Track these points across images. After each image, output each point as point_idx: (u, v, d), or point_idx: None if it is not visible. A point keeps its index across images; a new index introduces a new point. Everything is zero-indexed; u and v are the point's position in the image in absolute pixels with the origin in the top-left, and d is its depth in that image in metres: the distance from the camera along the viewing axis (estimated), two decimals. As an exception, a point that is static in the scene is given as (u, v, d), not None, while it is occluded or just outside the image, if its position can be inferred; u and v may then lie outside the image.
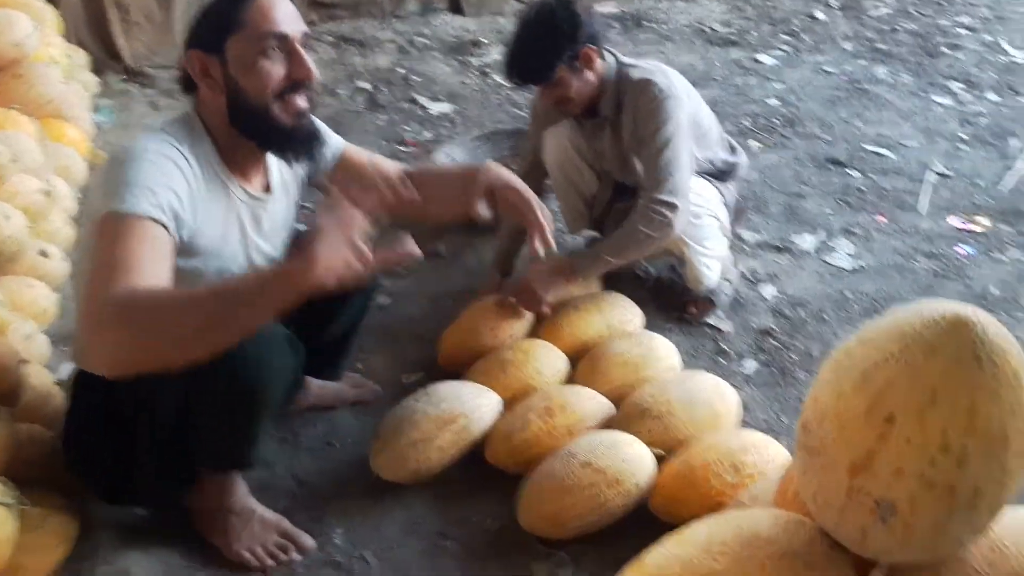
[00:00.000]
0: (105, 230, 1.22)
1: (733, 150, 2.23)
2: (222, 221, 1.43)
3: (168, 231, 1.28)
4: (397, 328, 2.22)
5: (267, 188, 1.53)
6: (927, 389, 0.68)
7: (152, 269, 1.20)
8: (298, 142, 1.45)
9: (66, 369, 1.89)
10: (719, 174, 2.19)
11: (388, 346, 2.16)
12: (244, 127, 1.41)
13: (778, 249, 2.50)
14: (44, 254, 2.11)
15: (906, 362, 0.70)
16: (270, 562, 1.58)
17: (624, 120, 2.02)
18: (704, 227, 2.11)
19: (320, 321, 1.74)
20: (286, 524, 1.63)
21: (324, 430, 1.90)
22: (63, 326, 2.10)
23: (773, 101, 3.44)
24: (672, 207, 1.94)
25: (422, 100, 3.60)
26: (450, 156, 2.71)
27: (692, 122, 2.02)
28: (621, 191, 2.24)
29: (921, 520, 0.72)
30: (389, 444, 1.70)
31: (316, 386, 1.94)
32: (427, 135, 3.31)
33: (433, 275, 2.45)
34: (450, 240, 2.59)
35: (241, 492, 1.62)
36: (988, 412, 0.68)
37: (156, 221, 1.25)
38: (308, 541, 1.62)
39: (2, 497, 1.31)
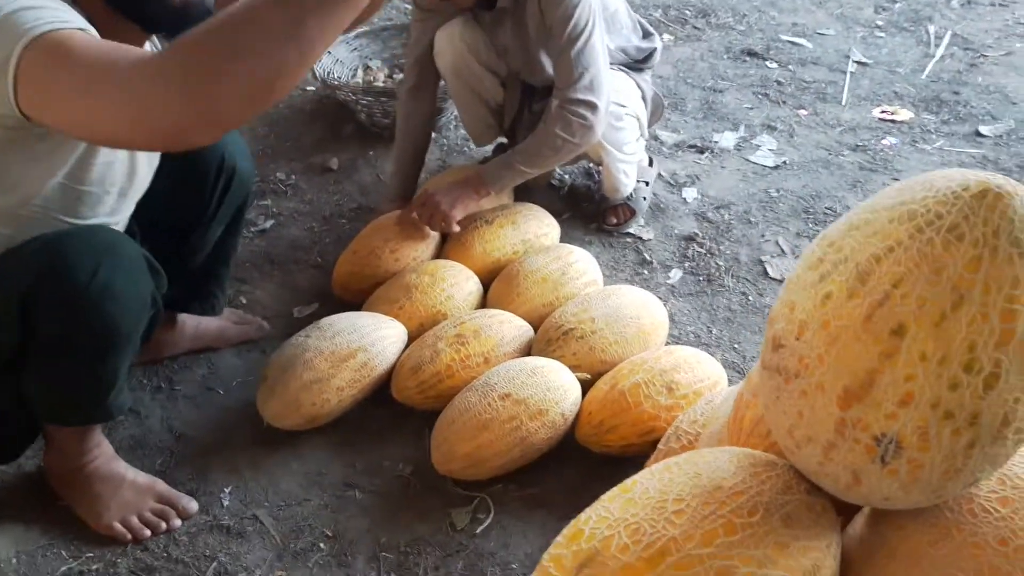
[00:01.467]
0: (51, 50, 0.91)
1: (646, 35, 2.01)
2: None
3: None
4: (284, 254, 1.97)
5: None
6: (949, 287, 0.51)
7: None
8: (193, 23, 1.11)
9: None
10: (632, 64, 1.97)
11: (274, 275, 1.91)
12: (126, 7, 1.12)
13: (698, 149, 2.34)
14: None
15: (920, 251, 0.52)
16: (146, 532, 1.36)
17: (528, 9, 1.77)
18: (625, 130, 1.91)
19: (186, 241, 1.49)
20: (163, 486, 1.41)
21: (204, 374, 1.66)
22: None
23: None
24: (591, 106, 1.71)
25: None
26: (333, 55, 2.42)
27: (601, 6, 1.79)
28: (531, 94, 2.01)
29: (932, 457, 0.56)
30: (279, 387, 1.48)
31: (192, 325, 1.68)
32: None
33: (323, 191, 2.18)
34: (342, 152, 2.32)
35: (107, 452, 1.39)
36: None
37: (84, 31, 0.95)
38: (191, 504, 1.40)
39: None
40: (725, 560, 0.59)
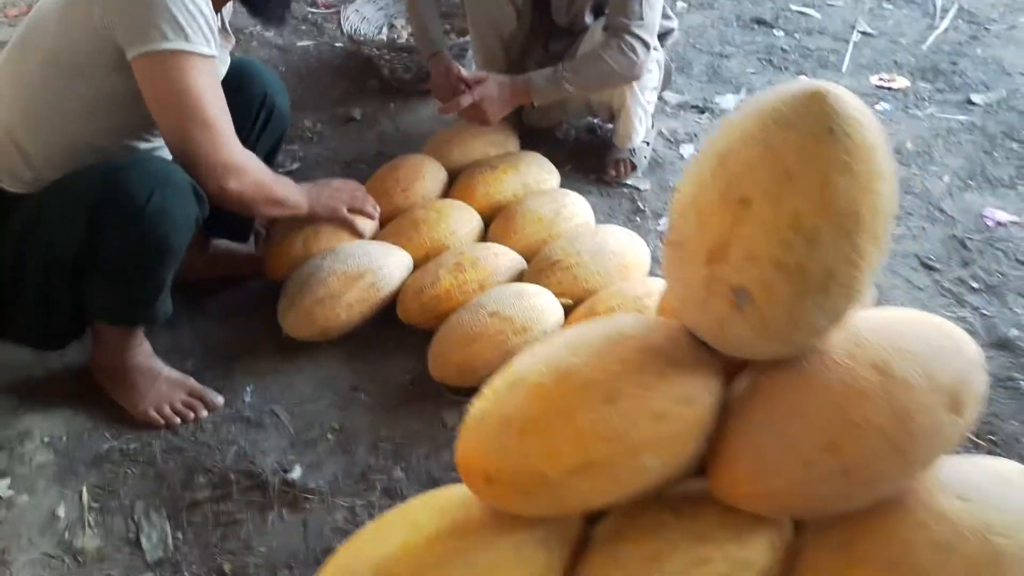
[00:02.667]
0: (177, 69, 1.30)
1: (667, 16, 2.15)
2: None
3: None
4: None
5: (226, 37, 1.52)
6: (780, 168, 0.67)
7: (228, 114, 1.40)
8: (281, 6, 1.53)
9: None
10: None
11: (299, 211, 2.10)
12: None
13: (699, 109, 2.47)
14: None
15: (761, 139, 0.68)
16: (177, 420, 1.57)
17: None
18: (652, 72, 2.05)
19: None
20: (193, 383, 1.61)
21: (233, 296, 1.86)
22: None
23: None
24: (645, 44, 1.84)
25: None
26: (360, 13, 2.59)
27: None
28: (548, 34, 2.13)
29: (775, 306, 0.72)
30: (296, 302, 1.67)
31: (224, 251, 1.88)
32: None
33: (346, 139, 2.37)
34: (365, 104, 2.50)
35: (146, 351, 1.59)
36: (840, 188, 0.67)
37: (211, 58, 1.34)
38: (217, 398, 1.60)
39: None
40: (614, 383, 0.77)
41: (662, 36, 2.10)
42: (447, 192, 2.00)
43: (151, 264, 1.37)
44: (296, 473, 1.48)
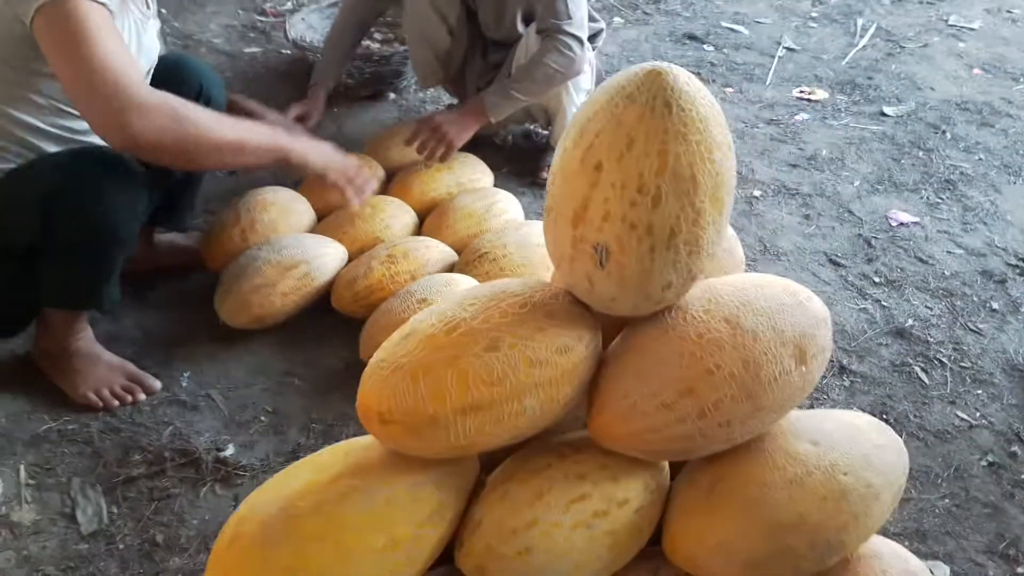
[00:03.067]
0: (79, 18, 1.25)
1: (594, 19, 2.27)
2: (126, 29, 1.42)
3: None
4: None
5: (147, 4, 1.53)
6: (625, 135, 0.77)
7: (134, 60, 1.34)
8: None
9: None
10: None
11: (240, 208, 2.17)
12: None
13: (631, 117, 2.60)
14: None
15: (610, 112, 0.78)
16: (115, 403, 1.62)
17: None
18: (586, 74, 2.16)
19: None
20: (132, 368, 1.67)
21: (174, 286, 1.92)
22: None
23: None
24: (580, 41, 1.95)
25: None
26: (307, 22, 2.68)
27: None
28: (484, 44, 2.24)
29: (629, 260, 0.82)
30: (232, 290, 1.75)
31: (165, 242, 1.95)
32: (287, 4, 3.23)
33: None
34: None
35: (88, 337, 1.65)
36: (677, 154, 0.77)
37: (111, 11, 1.30)
38: (154, 383, 1.66)
39: None
40: (496, 333, 0.86)
41: (592, 37, 2.22)
42: (384, 190, 2.09)
43: (101, 252, 1.43)
44: (229, 451, 1.55)
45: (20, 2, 1.27)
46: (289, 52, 2.84)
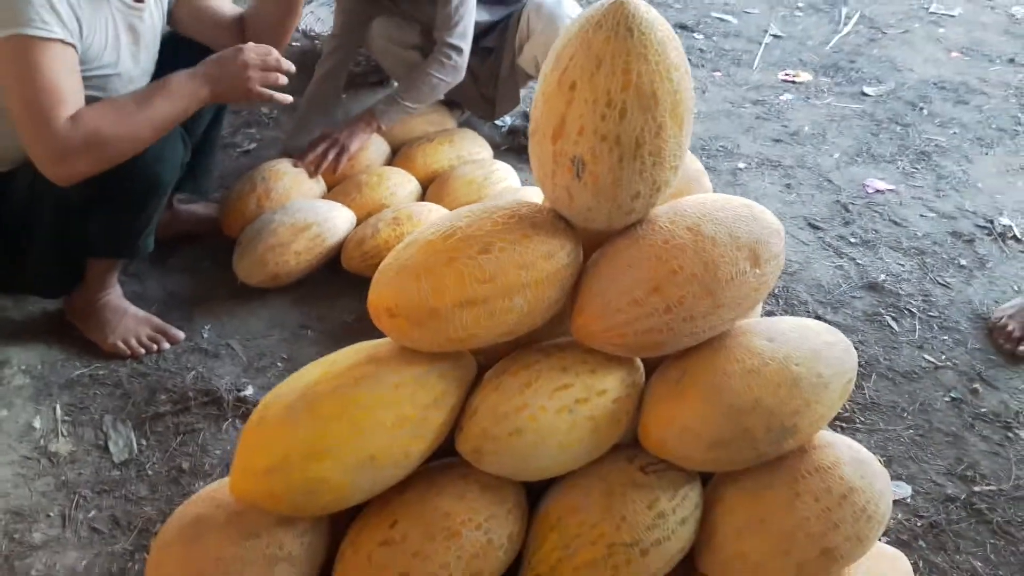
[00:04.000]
0: (22, 56, 1.34)
1: None
2: (103, 31, 1.53)
3: (75, 49, 1.42)
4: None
5: None
6: (594, 57, 0.90)
7: (77, 92, 1.41)
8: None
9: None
10: None
11: (255, 182, 2.30)
12: None
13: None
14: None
15: (581, 38, 0.91)
16: (142, 351, 1.76)
17: None
18: None
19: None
20: (157, 320, 1.81)
21: (193, 251, 2.06)
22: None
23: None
24: (459, 50, 2.11)
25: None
26: (315, 15, 2.83)
27: None
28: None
29: (601, 170, 0.95)
30: (249, 249, 1.88)
31: (185, 211, 2.09)
32: None
33: (289, 126, 2.58)
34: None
35: (117, 292, 1.79)
36: (640, 72, 0.90)
37: (65, 43, 1.38)
38: (178, 333, 1.80)
39: None
40: (487, 239, 0.99)
41: None
42: (389, 162, 2.23)
43: (144, 200, 1.57)
44: (249, 392, 1.69)
45: None
46: (298, 44, 2.99)
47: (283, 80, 1.60)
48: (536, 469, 1.08)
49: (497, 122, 2.60)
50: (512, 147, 2.49)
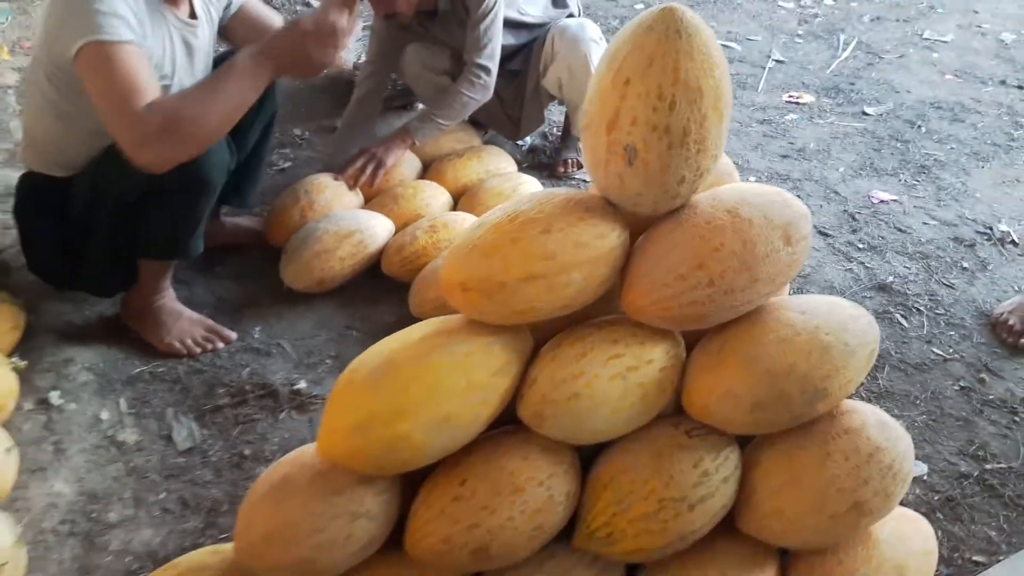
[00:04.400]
0: (99, 59, 1.46)
1: (558, 5, 2.50)
2: (161, 43, 1.66)
3: (142, 49, 1.53)
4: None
5: (192, 15, 1.76)
6: (647, 56, 1.03)
7: (152, 84, 1.50)
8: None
9: None
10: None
11: (293, 197, 2.43)
12: None
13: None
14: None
15: (634, 40, 1.04)
16: (197, 350, 1.87)
17: (468, 4, 2.25)
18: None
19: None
20: (209, 321, 1.92)
21: (240, 261, 2.18)
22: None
23: (639, 6, 3.82)
24: (487, 70, 2.25)
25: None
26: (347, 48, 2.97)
27: None
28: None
29: (652, 157, 1.07)
30: (295, 256, 2.00)
31: (229, 222, 2.21)
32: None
33: (328, 146, 2.72)
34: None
35: (172, 296, 1.90)
36: (687, 69, 1.02)
37: (134, 44, 1.50)
38: (230, 334, 1.91)
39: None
40: (548, 221, 1.10)
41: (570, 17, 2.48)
42: (422, 176, 2.36)
43: (195, 201, 1.69)
44: (302, 385, 1.79)
45: (64, 43, 1.50)
46: (325, 72, 3.13)
47: (346, 44, 1.64)
48: (591, 432, 1.19)
49: (518, 142, 2.74)
50: (532, 164, 2.63)
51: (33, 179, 1.77)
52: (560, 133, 2.69)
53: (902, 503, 1.34)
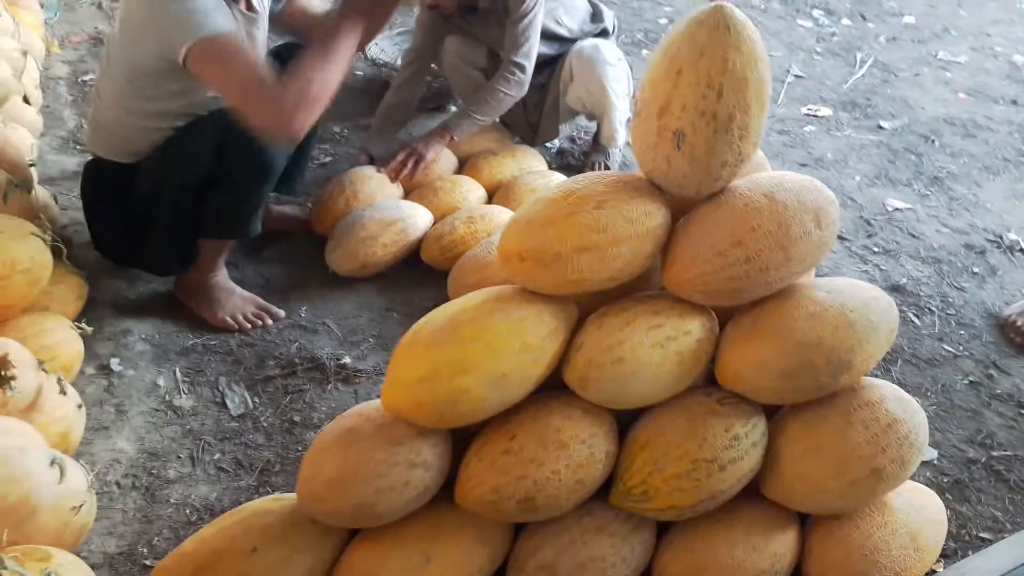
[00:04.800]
0: (214, 53, 1.59)
1: (596, 18, 2.64)
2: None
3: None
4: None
5: (251, 7, 1.88)
6: (698, 48, 1.14)
7: (264, 62, 1.62)
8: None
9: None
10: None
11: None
12: None
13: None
14: (26, 100, 2.42)
15: (686, 34, 1.15)
16: (248, 326, 1.98)
17: (509, 3, 2.36)
18: (621, 81, 2.54)
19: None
20: (260, 300, 2.03)
21: (286, 246, 2.29)
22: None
23: (663, 20, 3.94)
24: (523, 68, 2.37)
25: None
26: (379, 46, 3.10)
27: None
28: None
29: (699, 140, 1.17)
30: (341, 242, 2.11)
31: (275, 210, 2.32)
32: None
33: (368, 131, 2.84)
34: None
35: (224, 274, 2.02)
36: (734, 60, 1.13)
37: (234, 31, 1.64)
38: (279, 312, 2.02)
39: (40, 234, 1.67)
40: (600, 197, 1.21)
41: (603, 33, 2.62)
42: (459, 171, 2.47)
43: (258, 185, 1.81)
44: (347, 360, 1.90)
45: (164, 49, 1.63)
46: (362, 73, 3.26)
47: None
48: (631, 396, 1.29)
49: (547, 144, 2.85)
50: (561, 165, 2.74)
51: (100, 164, 1.88)
52: (590, 139, 2.80)
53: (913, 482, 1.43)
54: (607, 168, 2.69)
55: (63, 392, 1.52)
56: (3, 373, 1.31)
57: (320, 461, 1.27)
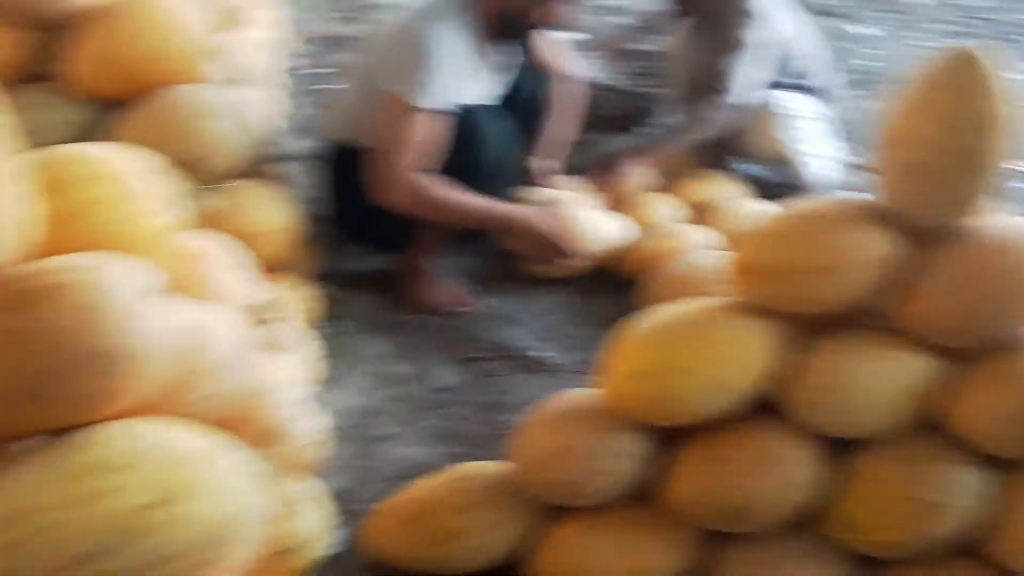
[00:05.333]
0: (396, 112, 1.82)
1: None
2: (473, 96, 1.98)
3: (448, 115, 1.85)
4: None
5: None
6: (945, 85, 1.15)
7: (426, 153, 1.84)
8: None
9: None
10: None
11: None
12: (507, 31, 1.97)
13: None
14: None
15: (936, 71, 1.15)
16: (454, 310, 2.14)
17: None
18: (800, 130, 2.55)
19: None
20: (464, 288, 2.19)
21: (485, 245, 2.39)
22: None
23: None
24: (724, 97, 2.40)
25: None
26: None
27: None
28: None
29: (942, 173, 1.20)
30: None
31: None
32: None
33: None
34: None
35: (438, 261, 2.18)
36: (981, 99, 1.13)
37: (436, 111, 1.83)
38: (479, 300, 2.17)
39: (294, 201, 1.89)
40: (832, 222, 1.23)
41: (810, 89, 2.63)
42: (658, 191, 2.55)
43: (492, 181, 1.99)
44: (549, 353, 2.03)
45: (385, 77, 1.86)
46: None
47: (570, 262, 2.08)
48: (854, 425, 1.30)
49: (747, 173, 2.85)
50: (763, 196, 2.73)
51: (344, 147, 2.09)
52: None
53: None
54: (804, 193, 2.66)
55: (306, 342, 1.72)
56: (271, 316, 1.50)
57: (537, 434, 1.37)
